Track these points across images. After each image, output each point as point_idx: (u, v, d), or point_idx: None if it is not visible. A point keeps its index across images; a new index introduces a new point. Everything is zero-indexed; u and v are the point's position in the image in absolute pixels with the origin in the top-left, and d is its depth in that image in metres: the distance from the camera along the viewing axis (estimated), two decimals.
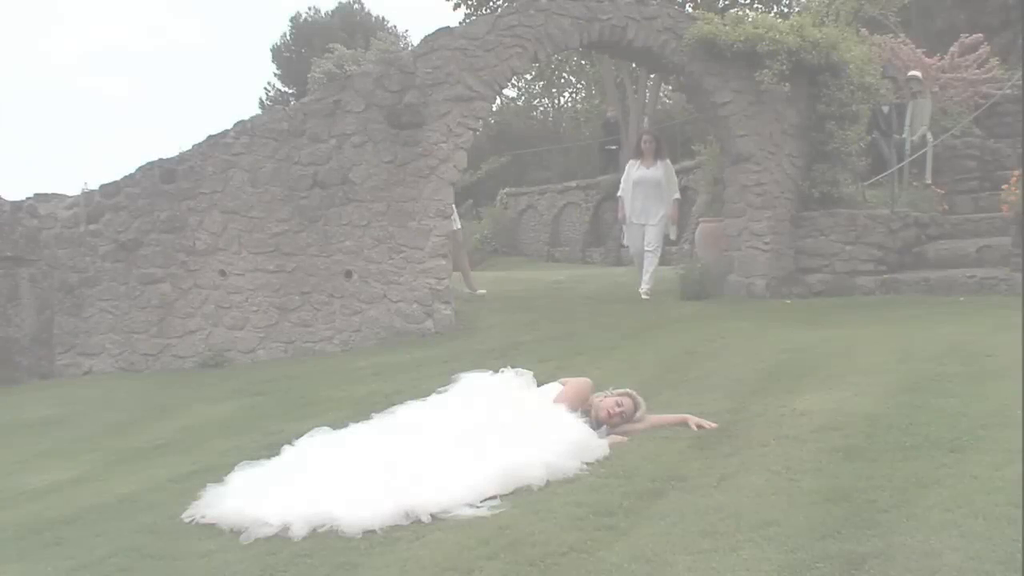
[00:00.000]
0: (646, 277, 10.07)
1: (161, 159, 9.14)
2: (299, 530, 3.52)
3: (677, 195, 10.38)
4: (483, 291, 10.88)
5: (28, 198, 9.19)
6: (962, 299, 8.42)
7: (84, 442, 6.18)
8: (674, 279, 10.22)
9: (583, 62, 26.69)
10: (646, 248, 10.14)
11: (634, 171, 10.21)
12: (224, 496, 3.96)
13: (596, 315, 9.27)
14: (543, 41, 9.47)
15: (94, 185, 9.32)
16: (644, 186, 10.08)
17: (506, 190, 24.67)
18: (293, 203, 9.06)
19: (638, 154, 10.27)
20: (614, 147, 18.80)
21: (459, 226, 10.81)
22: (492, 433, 4.07)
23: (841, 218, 9.87)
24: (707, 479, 3.59)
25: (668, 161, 10.34)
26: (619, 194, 10.53)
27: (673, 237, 10.74)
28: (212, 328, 9.00)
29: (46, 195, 9.33)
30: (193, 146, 9.18)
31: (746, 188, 10.18)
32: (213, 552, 3.47)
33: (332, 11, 38.93)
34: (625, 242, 11.08)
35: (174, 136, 68.35)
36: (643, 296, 9.85)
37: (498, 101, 18.92)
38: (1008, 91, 12.18)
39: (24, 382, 8.68)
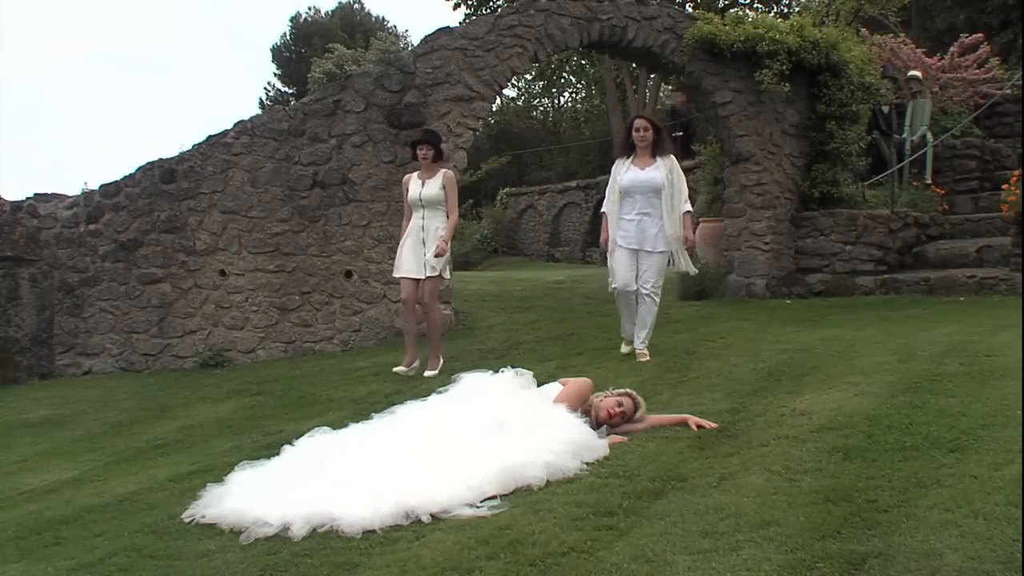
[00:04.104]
0: (641, 335, 6.62)
1: (161, 159, 9.16)
2: (299, 530, 3.52)
3: (688, 206, 6.70)
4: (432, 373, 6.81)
5: (28, 198, 9.21)
6: (962, 299, 8.42)
7: (84, 442, 6.19)
8: (674, 279, 10.21)
9: (583, 62, 26.72)
10: (642, 288, 6.57)
11: (623, 174, 6.64)
12: (224, 496, 3.96)
13: (596, 315, 9.28)
14: (543, 41, 9.47)
15: (94, 185, 9.37)
16: (639, 195, 6.56)
17: (506, 190, 24.69)
18: (293, 203, 9.06)
19: (627, 150, 6.72)
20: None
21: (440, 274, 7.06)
22: (492, 433, 4.07)
23: (841, 218, 9.88)
24: (707, 479, 3.59)
25: (673, 158, 6.74)
26: (603, 209, 6.89)
27: (693, 271, 7.20)
28: (212, 328, 9.00)
29: (46, 195, 9.35)
30: (193, 146, 9.20)
31: (746, 188, 10.19)
32: (213, 552, 3.47)
33: (332, 11, 39.00)
34: (610, 279, 6.83)
35: (174, 136, 68.36)
36: (639, 358, 6.53)
37: (498, 101, 18.91)
38: (1008, 91, 12.19)
39: (24, 382, 8.69)
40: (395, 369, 6.88)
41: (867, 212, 9.94)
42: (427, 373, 6.80)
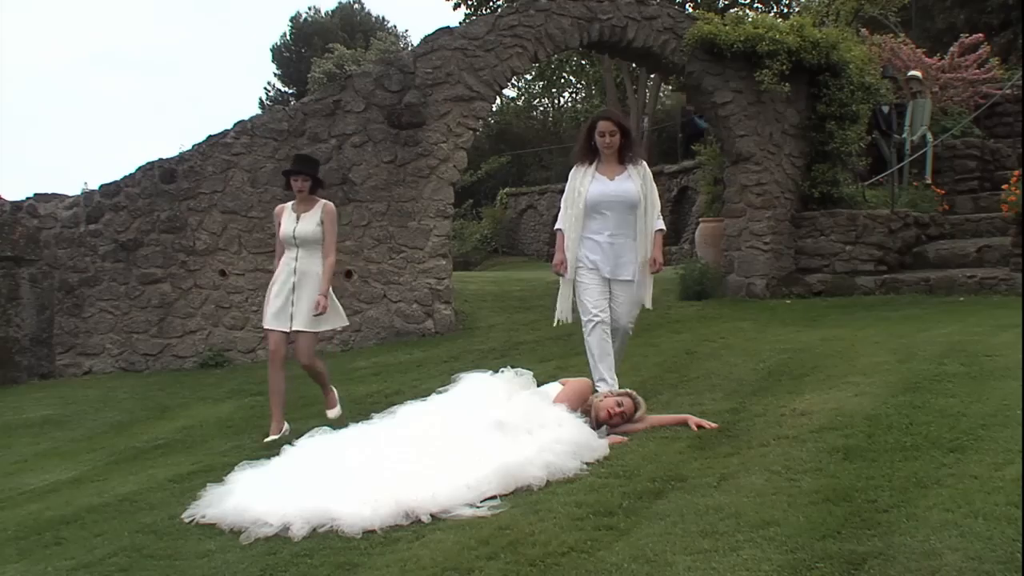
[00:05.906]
0: (607, 370, 5.19)
1: (161, 159, 9.17)
2: (299, 530, 3.52)
3: (661, 223, 5.43)
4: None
5: (28, 198, 9.21)
6: (962, 299, 8.42)
7: (84, 442, 6.19)
8: (674, 279, 10.22)
9: (583, 62, 26.71)
10: (617, 323, 5.32)
11: (587, 184, 5.37)
12: (224, 496, 3.96)
13: None
14: (543, 41, 9.47)
15: (94, 185, 9.38)
16: (611, 212, 5.32)
17: (506, 190, 24.69)
18: None
19: (587, 155, 5.43)
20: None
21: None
22: (492, 433, 4.07)
23: (841, 218, 9.88)
24: (707, 479, 3.59)
25: (645, 165, 5.47)
26: (557, 226, 5.52)
27: (648, 304, 5.54)
28: (212, 328, 9.00)
29: (46, 195, 9.36)
30: (193, 146, 9.21)
31: (746, 188, 10.19)
32: (213, 552, 3.47)
33: (332, 11, 38.96)
34: (560, 313, 5.45)
35: (174, 136, 68.31)
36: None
37: (498, 101, 18.90)
38: (1008, 91, 12.20)
39: (24, 382, 8.69)
40: (266, 440, 5.44)
41: (867, 212, 9.94)
42: (330, 413, 5.82)
